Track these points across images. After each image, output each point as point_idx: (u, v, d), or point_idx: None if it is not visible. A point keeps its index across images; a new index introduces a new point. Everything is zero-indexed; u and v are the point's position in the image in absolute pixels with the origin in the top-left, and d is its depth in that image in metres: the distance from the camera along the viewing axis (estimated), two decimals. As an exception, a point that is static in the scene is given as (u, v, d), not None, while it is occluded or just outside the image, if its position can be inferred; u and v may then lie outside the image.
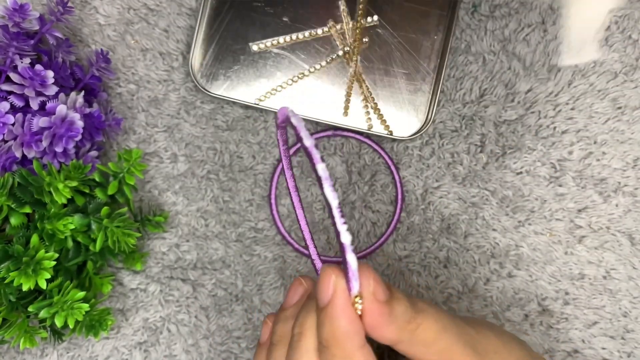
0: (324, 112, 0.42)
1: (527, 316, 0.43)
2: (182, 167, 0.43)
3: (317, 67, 0.42)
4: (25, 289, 0.32)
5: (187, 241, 0.43)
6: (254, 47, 0.42)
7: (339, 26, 0.42)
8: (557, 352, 0.43)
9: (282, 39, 0.42)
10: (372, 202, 0.43)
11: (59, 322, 0.34)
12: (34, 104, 0.35)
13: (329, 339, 0.26)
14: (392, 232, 0.43)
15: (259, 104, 0.41)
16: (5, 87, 0.34)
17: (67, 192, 0.34)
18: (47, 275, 0.33)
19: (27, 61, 0.35)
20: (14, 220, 0.34)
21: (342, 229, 0.24)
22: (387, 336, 0.26)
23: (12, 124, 0.35)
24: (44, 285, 0.33)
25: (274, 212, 0.42)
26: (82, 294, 0.35)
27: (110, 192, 0.36)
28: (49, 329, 0.39)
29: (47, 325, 0.38)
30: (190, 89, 0.43)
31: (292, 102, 0.42)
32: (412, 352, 0.27)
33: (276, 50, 0.42)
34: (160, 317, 0.43)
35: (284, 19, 0.42)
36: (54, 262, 0.33)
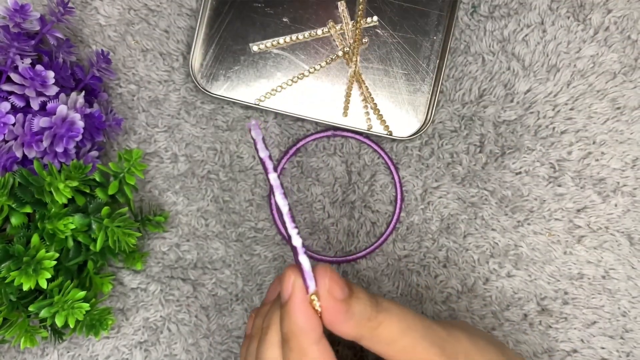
0: (323, 112, 0.42)
1: (526, 316, 0.43)
2: (183, 167, 0.43)
3: (317, 67, 0.42)
4: (25, 288, 0.32)
5: (188, 241, 0.43)
6: (254, 47, 0.42)
7: (339, 27, 0.42)
8: (556, 351, 0.43)
9: (282, 40, 0.42)
10: (372, 202, 0.43)
11: (59, 322, 0.34)
12: (35, 104, 0.35)
13: (287, 333, 0.27)
14: (391, 232, 0.43)
15: (259, 104, 0.42)
16: (6, 87, 0.34)
17: (68, 192, 0.34)
18: (48, 275, 0.33)
19: (27, 61, 0.35)
20: (14, 220, 0.34)
21: (293, 232, 0.27)
22: (346, 332, 0.27)
23: (13, 124, 0.35)
24: (44, 284, 0.33)
25: (274, 212, 0.43)
26: (82, 294, 0.35)
27: (110, 192, 0.36)
28: (49, 328, 0.39)
29: (48, 324, 0.38)
30: (190, 89, 0.43)
31: (292, 102, 0.42)
32: (374, 348, 0.28)
33: (276, 50, 0.42)
34: (160, 316, 0.43)
35: (284, 20, 0.42)
36: (55, 262, 0.33)
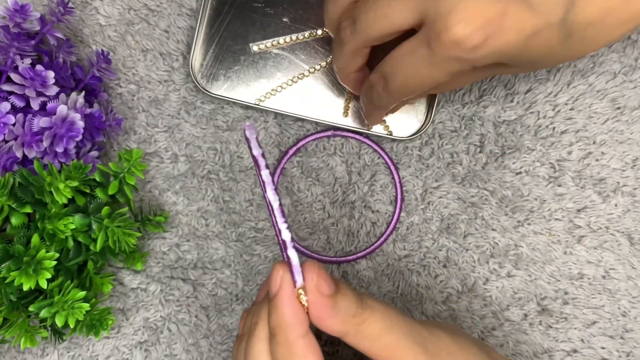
0: (323, 112, 0.42)
1: (526, 316, 0.43)
2: (183, 167, 0.43)
3: (317, 67, 0.42)
4: (25, 288, 0.32)
5: (188, 241, 0.43)
6: (254, 47, 0.42)
7: None
8: (556, 351, 0.43)
9: (282, 40, 0.42)
10: (372, 202, 0.43)
11: (59, 322, 0.34)
12: (35, 104, 0.35)
13: (274, 327, 0.28)
14: (391, 232, 0.43)
15: (259, 105, 0.42)
16: (6, 87, 0.34)
17: (68, 192, 0.34)
18: (48, 275, 0.33)
19: (27, 61, 0.35)
20: (14, 220, 0.34)
21: (283, 227, 0.28)
22: (331, 327, 0.28)
23: (13, 124, 0.35)
24: (44, 285, 0.33)
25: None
26: (82, 294, 0.35)
27: (110, 192, 0.36)
28: (49, 328, 0.39)
29: (48, 324, 0.38)
30: (190, 89, 0.43)
31: (292, 102, 0.42)
32: (359, 345, 0.28)
33: (276, 50, 0.42)
34: (160, 316, 0.43)
35: (284, 20, 0.42)
36: (55, 262, 0.33)
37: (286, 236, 0.28)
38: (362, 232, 0.43)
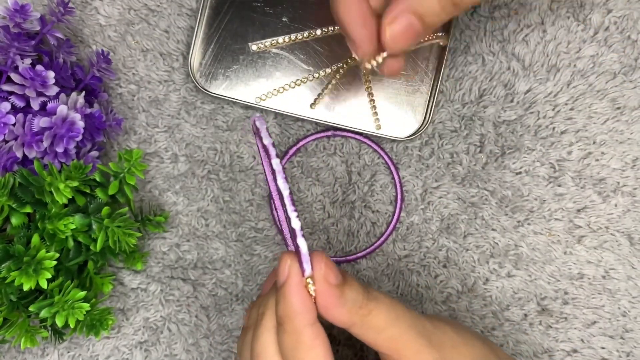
0: (324, 113, 0.42)
1: (526, 316, 0.43)
2: (183, 167, 0.43)
3: (322, 73, 0.42)
4: (26, 288, 0.32)
5: (188, 241, 0.43)
6: (253, 47, 0.42)
7: (336, 28, 0.42)
8: (556, 351, 0.43)
9: (281, 39, 0.42)
10: (372, 202, 0.43)
11: (59, 322, 0.34)
12: (35, 105, 0.35)
13: (282, 316, 0.28)
14: (391, 232, 0.43)
15: (259, 104, 0.42)
16: (6, 87, 0.35)
17: (68, 192, 0.34)
18: (48, 275, 0.33)
19: (28, 62, 0.35)
20: (15, 220, 0.34)
21: (292, 215, 0.27)
22: (338, 318, 0.28)
23: (13, 124, 0.35)
24: (44, 285, 0.33)
25: (275, 212, 0.43)
26: (82, 294, 0.35)
27: (111, 192, 0.36)
28: (49, 328, 0.39)
29: (48, 324, 0.38)
30: (190, 89, 0.43)
31: (292, 102, 0.42)
32: (364, 336, 0.29)
33: (275, 50, 0.42)
34: (160, 316, 0.43)
35: (283, 19, 0.42)
36: (55, 262, 0.33)
37: (296, 224, 0.28)
38: (362, 232, 0.43)
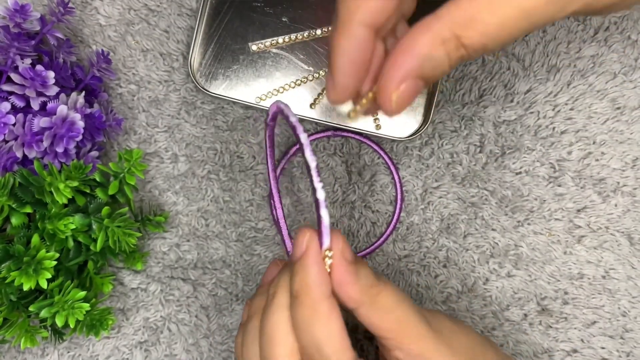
0: (323, 112, 0.42)
1: (526, 316, 0.43)
2: (183, 167, 0.43)
3: (322, 72, 0.42)
4: (26, 288, 0.32)
5: (188, 241, 0.43)
6: (253, 47, 0.42)
7: None
8: (556, 351, 0.43)
9: (281, 39, 0.42)
10: (372, 202, 0.43)
11: (59, 322, 0.34)
12: (35, 105, 0.35)
13: (299, 289, 0.28)
14: (391, 232, 0.43)
15: (259, 104, 0.42)
16: (6, 87, 0.35)
17: (68, 192, 0.34)
18: (48, 275, 0.33)
19: (28, 62, 0.35)
20: (15, 220, 0.34)
21: (318, 186, 0.28)
22: (351, 295, 0.28)
23: (13, 124, 0.35)
24: (44, 285, 0.33)
25: (274, 212, 0.43)
26: (82, 294, 0.35)
27: (111, 192, 0.36)
28: (49, 328, 0.39)
29: (48, 324, 0.38)
30: (190, 89, 0.43)
31: (292, 102, 0.42)
32: (371, 317, 0.29)
33: (275, 50, 0.42)
34: (160, 316, 0.43)
35: (283, 19, 0.42)
36: (55, 262, 0.33)
37: (321, 195, 0.28)
38: (362, 232, 0.43)
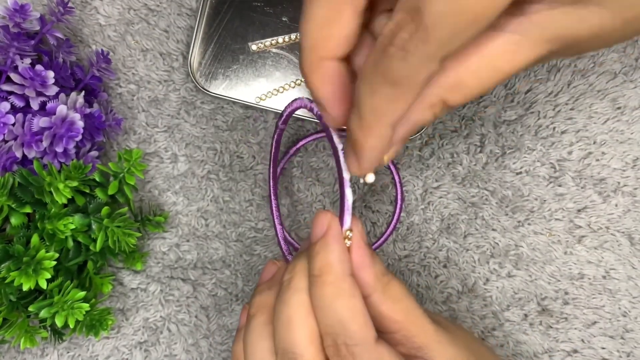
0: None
1: (526, 316, 0.43)
2: (183, 167, 0.43)
3: None
4: (25, 288, 0.32)
5: (188, 241, 0.43)
6: (253, 46, 0.42)
7: None
8: (557, 351, 0.43)
9: (281, 39, 0.42)
10: (372, 202, 0.43)
11: (59, 322, 0.34)
12: (35, 104, 0.35)
13: (321, 267, 0.27)
14: (392, 232, 0.43)
15: (259, 104, 0.42)
16: (5, 87, 0.34)
17: (68, 192, 0.34)
18: (48, 275, 0.33)
19: (27, 61, 0.35)
20: (14, 220, 0.34)
21: (344, 167, 0.28)
22: (366, 279, 0.28)
23: (13, 124, 0.35)
24: (44, 285, 0.33)
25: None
26: (82, 294, 0.35)
27: (110, 192, 0.36)
28: (49, 328, 0.39)
29: (48, 325, 0.38)
30: (190, 89, 0.43)
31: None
32: (381, 306, 0.29)
33: (275, 50, 0.42)
34: (160, 316, 0.43)
35: (283, 19, 0.42)
36: (55, 262, 0.33)
37: (347, 175, 0.28)
38: (362, 232, 0.43)
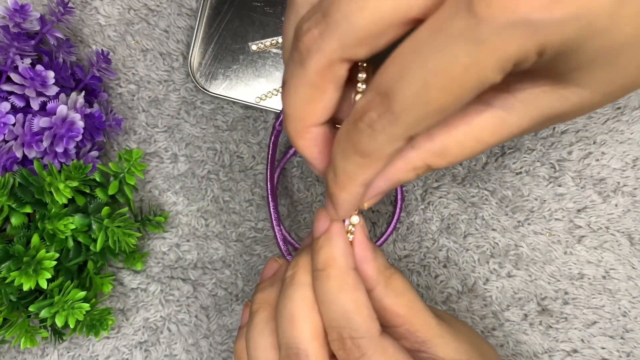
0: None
1: (526, 316, 0.43)
2: (183, 167, 0.43)
3: None
4: (26, 288, 0.32)
5: (188, 241, 0.43)
6: (253, 46, 0.42)
7: None
8: (557, 351, 0.43)
9: (281, 39, 0.42)
10: (372, 202, 0.43)
11: (59, 322, 0.34)
12: (35, 104, 0.35)
13: (325, 261, 0.27)
14: (392, 232, 0.43)
15: (259, 104, 0.42)
16: (6, 87, 0.34)
17: (68, 192, 0.34)
18: (48, 275, 0.33)
19: (27, 61, 0.35)
20: (14, 220, 0.34)
21: None
22: (369, 273, 0.28)
23: (13, 124, 0.35)
24: (44, 285, 0.33)
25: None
26: (82, 294, 0.35)
27: (110, 192, 0.36)
28: (49, 328, 0.39)
29: (48, 325, 0.38)
30: (190, 89, 0.43)
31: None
32: (384, 300, 0.29)
33: (275, 50, 0.42)
34: (160, 316, 0.43)
35: (283, 19, 0.42)
36: (55, 262, 0.33)
37: None
38: (362, 232, 0.43)
